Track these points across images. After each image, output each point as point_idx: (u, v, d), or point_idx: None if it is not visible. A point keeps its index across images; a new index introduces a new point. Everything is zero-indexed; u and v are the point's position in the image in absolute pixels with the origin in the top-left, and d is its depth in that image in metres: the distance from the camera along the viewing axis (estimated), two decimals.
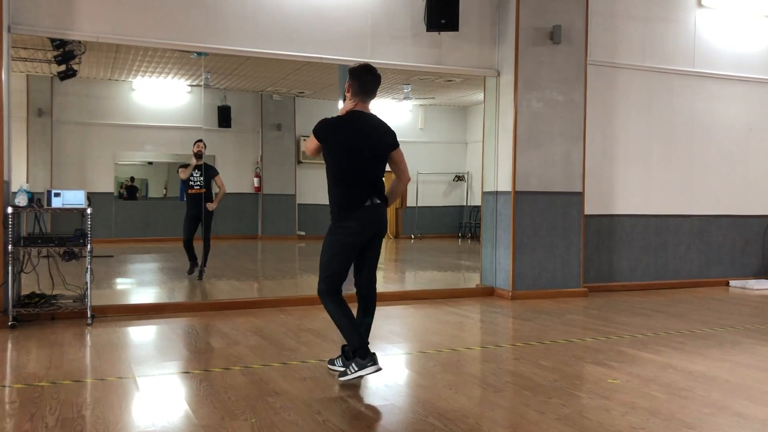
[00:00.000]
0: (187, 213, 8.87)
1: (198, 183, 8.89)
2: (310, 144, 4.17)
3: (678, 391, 3.99)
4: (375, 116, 4.18)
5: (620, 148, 8.36)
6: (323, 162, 4.18)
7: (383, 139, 4.14)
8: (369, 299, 4.24)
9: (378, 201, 4.08)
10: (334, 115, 4.24)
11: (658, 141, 8.61)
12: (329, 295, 4.11)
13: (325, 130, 4.09)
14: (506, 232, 7.55)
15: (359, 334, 4.06)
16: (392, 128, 4.25)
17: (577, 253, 7.76)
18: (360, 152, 4.04)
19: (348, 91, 4.11)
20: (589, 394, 3.94)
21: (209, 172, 9.00)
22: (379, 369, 4.02)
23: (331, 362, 4.36)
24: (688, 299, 7.80)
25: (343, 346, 4.26)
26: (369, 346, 4.07)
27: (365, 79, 4.08)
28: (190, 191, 8.85)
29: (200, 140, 9.11)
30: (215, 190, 9.02)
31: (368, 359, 3.99)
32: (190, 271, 8.81)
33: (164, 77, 13.96)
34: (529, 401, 3.78)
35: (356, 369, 4.01)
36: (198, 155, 8.91)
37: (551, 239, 7.64)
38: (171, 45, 6.83)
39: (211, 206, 8.81)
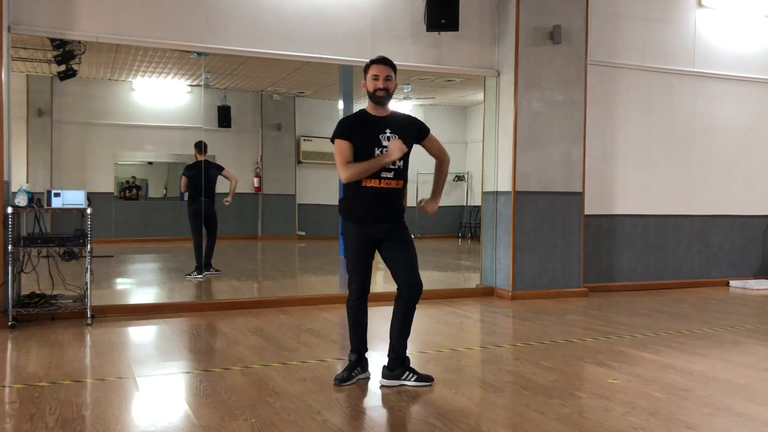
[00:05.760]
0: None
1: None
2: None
3: (678, 391, 3.99)
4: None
5: (620, 148, 8.35)
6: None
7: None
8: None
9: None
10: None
11: (658, 141, 8.61)
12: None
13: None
14: (506, 232, 7.55)
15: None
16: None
17: (577, 253, 7.76)
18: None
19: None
20: (589, 394, 3.94)
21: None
22: (366, 376, 4.07)
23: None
24: (688, 299, 7.80)
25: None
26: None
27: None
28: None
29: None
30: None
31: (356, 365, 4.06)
32: (199, 272, 8.83)
33: (164, 77, 13.95)
34: (529, 401, 3.78)
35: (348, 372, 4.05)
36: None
37: (551, 239, 7.64)
38: (171, 45, 6.83)
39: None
